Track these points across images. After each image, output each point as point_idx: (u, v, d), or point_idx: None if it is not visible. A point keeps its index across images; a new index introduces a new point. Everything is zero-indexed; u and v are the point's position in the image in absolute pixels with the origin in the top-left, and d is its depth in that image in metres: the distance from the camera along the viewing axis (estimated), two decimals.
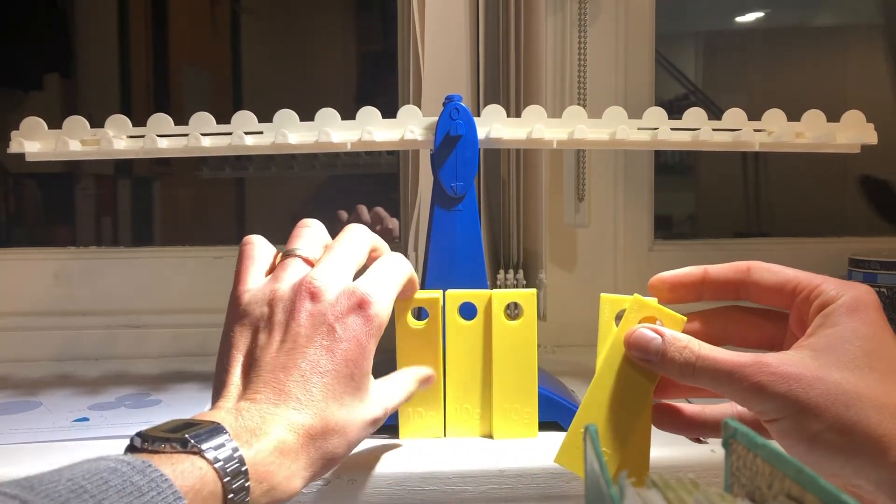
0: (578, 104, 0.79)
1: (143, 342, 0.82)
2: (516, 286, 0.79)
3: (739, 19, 1.13)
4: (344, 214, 0.89)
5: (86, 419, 0.58)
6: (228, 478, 0.34)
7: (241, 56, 1.04)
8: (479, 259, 0.55)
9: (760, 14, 1.12)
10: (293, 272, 0.44)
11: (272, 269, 0.46)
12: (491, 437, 0.51)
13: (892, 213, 0.93)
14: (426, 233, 0.57)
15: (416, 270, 0.76)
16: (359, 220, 0.88)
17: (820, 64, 1.08)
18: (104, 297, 0.83)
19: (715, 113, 0.60)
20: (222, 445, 0.34)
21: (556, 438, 0.51)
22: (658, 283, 0.42)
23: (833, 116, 0.61)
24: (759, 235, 1.01)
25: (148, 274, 0.84)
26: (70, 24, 1.03)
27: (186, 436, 0.34)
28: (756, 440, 0.27)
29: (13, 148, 0.56)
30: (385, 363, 0.46)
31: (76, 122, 0.57)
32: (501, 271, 0.79)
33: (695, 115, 0.59)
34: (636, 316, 0.40)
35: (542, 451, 0.49)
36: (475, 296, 0.51)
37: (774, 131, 0.60)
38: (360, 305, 0.42)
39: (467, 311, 0.51)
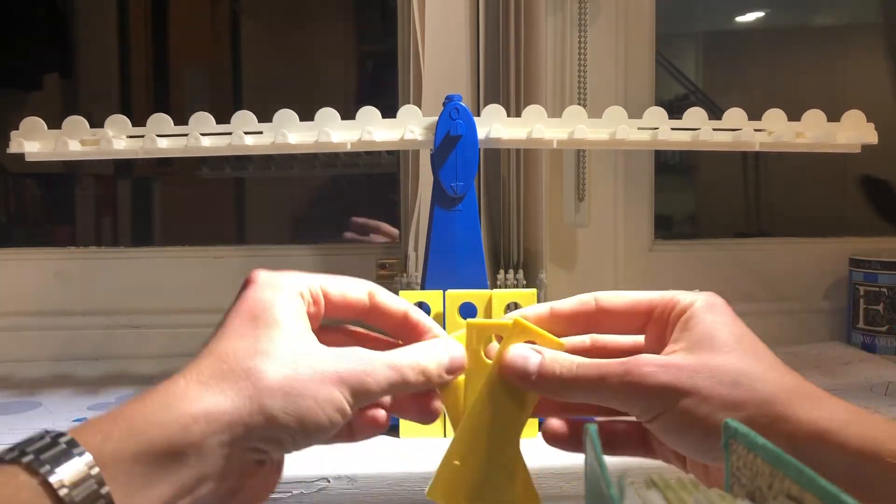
0: (578, 104, 0.79)
1: (142, 342, 0.82)
2: (516, 286, 0.79)
3: (739, 19, 1.13)
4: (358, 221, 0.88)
5: (86, 419, 0.58)
6: (66, 488, 0.26)
7: (241, 56, 1.04)
8: (479, 259, 0.55)
9: (760, 14, 1.12)
10: None
11: None
12: None
13: (892, 213, 0.93)
14: (426, 233, 0.57)
15: (417, 270, 0.76)
16: (360, 230, 0.88)
17: (820, 64, 1.08)
18: (104, 297, 0.83)
19: (715, 113, 0.60)
20: (44, 442, 0.28)
21: None
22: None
23: (833, 116, 0.61)
24: (759, 235, 1.01)
25: (148, 274, 0.84)
26: (70, 24, 1.03)
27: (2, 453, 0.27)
28: (756, 440, 0.27)
29: (13, 148, 0.56)
30: None
31: (76, 123, 0.56)
32: (501, 271, 0.79)
33: (695, 114, 0.59)
34: (517, 340, 0.37)
35: (542, 451, 0.49)
36: (475, 296, 0.51)
37: (774, 131, 0.60)
38: (246, 282, 0.35)
39: (467, 311, 0.51)
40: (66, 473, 0.26)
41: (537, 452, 0.49)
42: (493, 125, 0.57)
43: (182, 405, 0.29)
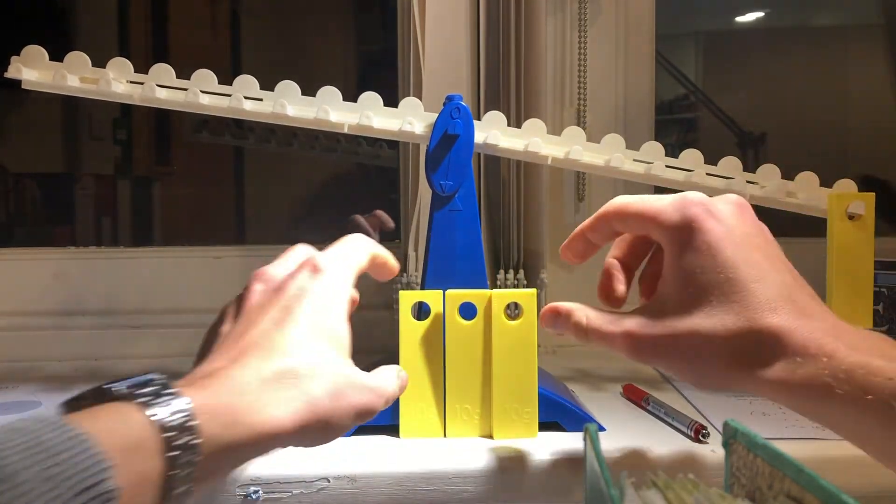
0: (579, 104, 0.80)
1: (142, 342, 0.82)
2: (516, 286, 0.79)
3: (739, 19, 1.13)
4: (360, 219, 0.88)
5: None
6: (163, 416, 0.30)
7: (241, 56, 1.04)
8: (479, 259, 0.55)
9: (760, 14, 1.12)
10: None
11: None
12: (491, 437, 0.51)
13: (893, 213, 0.93)
14: (426, 233, 0.57)
15: (417, 270, 0.76)
16: (357, 229, 0.88)
17: (820, 64, 1.08)
18: (104, 297, 0.83)
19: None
20: (153, 389, 0.31)
21: (556, 438, 0.51)
22: (564, 252, 0.47)
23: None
24: None
25: (148, 274, 0.84)
26: (70, 24, 1.03)
27: (104, 385, 0.31)
28: (756, 440, 0.27)
29: (11, 73, 0.55)
30: (386, 363, 0.46)
31: (78, 58, 0.56)
32: (501, 271, 0.79)
33: (691, 156, 0.61)
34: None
35: (542, 451, 0.49)
36: (475, 296, 0.51)
37: (767, 186, 0.61)
38: (312, 270, 0.39)
39: (467, 311, 0.51)
40: (162, 408, 0.30)
41: (537, 452, 0.49)
42: (492, 132, 0.57)
43: (261, 413, 0.33)
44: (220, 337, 0.38)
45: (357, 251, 0.42)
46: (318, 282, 0.39)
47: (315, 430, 0.35)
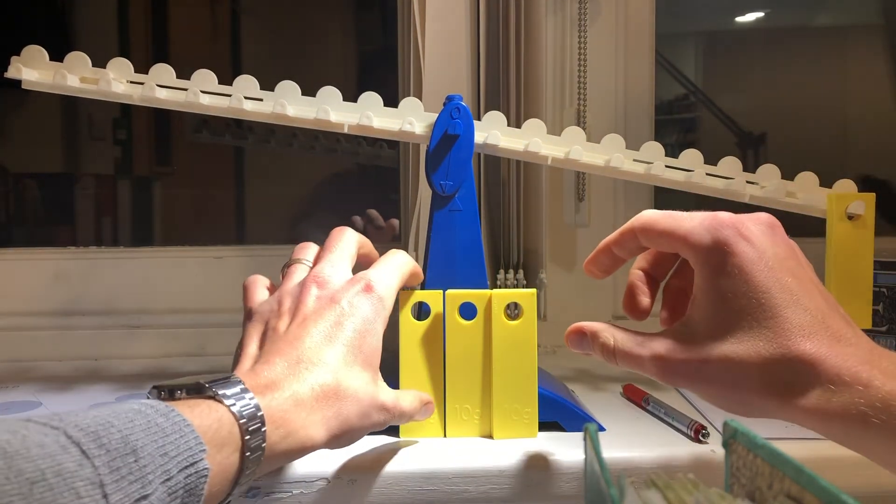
0: (579, 104, 0.80)
1: (142, 342, 0.82)
2: (516, 286, 0.79)
3: (739, 19, 1.13)
4: (358, 220, 0.89)
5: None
6: (244, 419, 0.35)
7: (241, 56, 1.04)
8: (479, 259, 0.55)
9: (760, 14, 1.12)
10: (298, 274, 0.47)
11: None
12: (491, 437, 0.51)
13: (893, 213, 0.93)
14: (426, 233, 0.57)
15: None
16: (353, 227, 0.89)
17: (820, 64, 1.08)
18: (104, 297, 0.83)
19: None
20: (237, 391, 0.36)
21: (557, 438, 0.51)
22: (588, 266, 0.47)
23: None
24: None
25: (148, 274, 0.84)
26: (70, 24, 1.03)
27: (202, 382, 0.36)
28: (756, 440, 0.27)
29: (11, 73, 0.55)
30: (386, 362, 0.46)
31: (78, 58, 0.55)
32: (501, 271, 0.79)
33: (691, 156, 0.61)
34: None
35: (542, 451, 0.49)
36: (475, 296, 0.51)
37: (767, 186, 0.61)
38: (366, 289, 0.44)
39: (467, 311, 0.51)
40: (244, 409, 0.36)
41: (537, 452, 0.49)
42: (492, 132, 0.57)
43: (308, 429, 0.39)
44: (272, 332, 0.43)
45: (403, 268, 0.48)
46: (368, 302, 0.44)
47: (339, 442, 0.41)
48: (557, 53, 0.81)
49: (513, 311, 0.51)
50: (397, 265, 0.48)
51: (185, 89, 0.56)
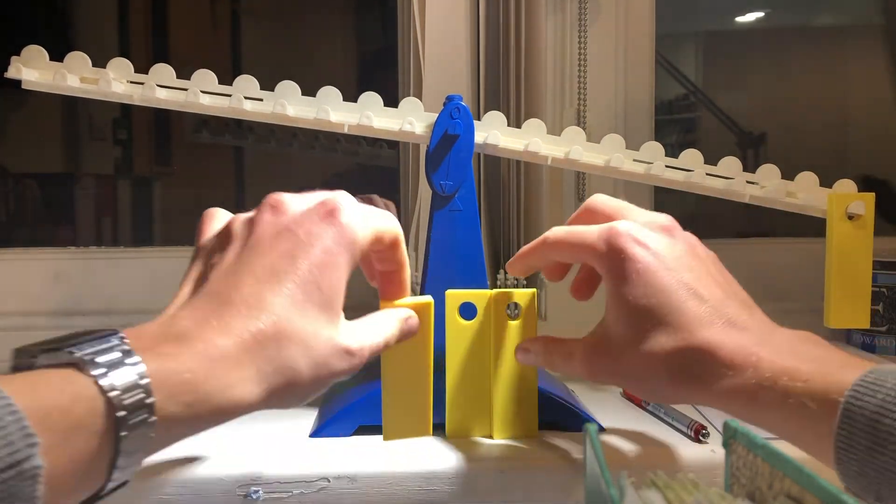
0: (579, 104, 0.80)
1: None
2: (516, 286, 0.79)
3: (739, 19, 1.13)
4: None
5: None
6: (118, 391, 0.28)
7: (241, 56, 1.04)
8: (480, 259, 0.55)
9: (760, 14, 1.12)
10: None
11: None
12: (491, 437, 0.51)
13: (893, 213, 0.93)
14: (426, 232, 0.57)
15: (416, 270, 0.76)
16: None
17: (820, 64, 1.08)
18: (104, 297, 0.83)
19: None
20: (115, 357, 0.29)
21: (557, 438, 0.51)
22: (508, 268, 0.50)
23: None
24: (759, 235, 1.01)
25: (148, 274, 0.84)
26: (70, 24, 1.03)
27: (62, 344, 0.29)
28: (756, 440, 0.27)
29: (11, 73, 0.55)
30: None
31: (78, 58, 0.55)
32: (501, 271, 0.79)
33: (691, 156, 0.61)
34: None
35: (542, 451, 0.49)
36: (475, 295, 0.51)
37: (767, 186, 0.61)
38: (330, 213, 0.36)
39: (467, 310, 0.51)
40: (118, 379, 0.28)
41: (537, 452, 0.49)
42: (492, 132, 0.57)
43: (228, 391, 0.32)
44: (210, 269, 0.36)
45: (382, 216, 0.39)
46: (330, 230, 0.36)
47: (283, 399, 0.34)
48: (557, 53, 0.81)
49: (513, 310, 0.51)
50: (376, 209, 0.40)
51: (186, 89, 0.56)
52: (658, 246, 0.41)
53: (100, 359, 0.28)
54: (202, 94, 0.56)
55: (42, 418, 0.26)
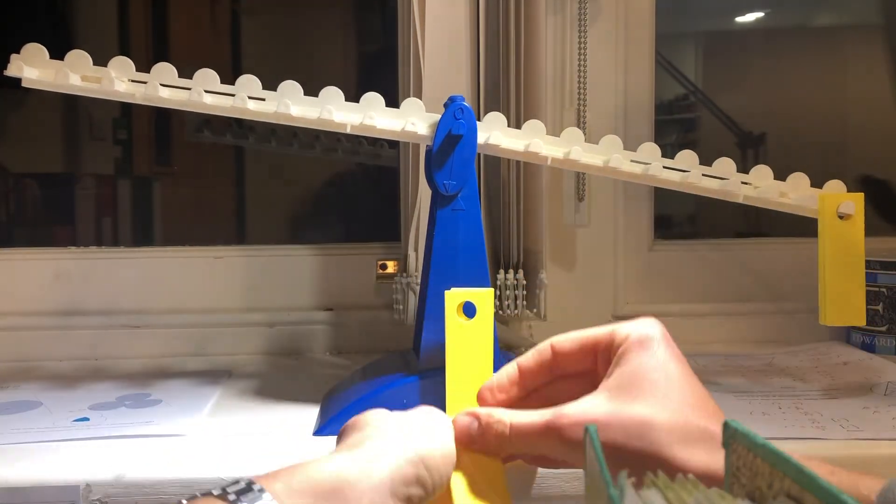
0: (578, 104, 0.80)
1: (143, 342, 0.82)
2: (516, 286, 0.79)
3: (739, 19, 1.13)
4: None
5: (86, 419, 0.58)
6: None
7: (241, 56, 1.04)
8: (482, 258, 0.55)
9: (760, 14, 1.12)
10: None
11: None
12: None
13: (892, 213, 0.93)
14: (426, 232, 0.57)
15: (417, 270, 0.76)
16: None
17: (820, 64, 1.08)
18: (104, 297, 0.83)
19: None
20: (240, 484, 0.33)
21: None
22: (483, 393, 0.45)
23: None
24: (759, 235, 1.01)
25: (148, 274, 0.84)
26: (70, 24, 1.03)
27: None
28: (756, 440, 0.27)
29: (12, 70, 0.54)
30: (386, 361, 0.46)
31: (79, 57, 0.55)
32: (501, 271, 0.79)
33: (687, 157, 0.61)
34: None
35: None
36: (475, 295, 0.51)
37: (760, 187, 0.62)
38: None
39: (467, 310, 0.51)
40: None
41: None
42: (494, 132, 0.58)
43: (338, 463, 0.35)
44: None
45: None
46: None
47: None
48: (557, 54, 0.81)
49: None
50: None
51: (188, 89, 0.56)
52: (675, 346, 0.42)
53: (243, 497, 0.32)
54: (205, 93, 0.56)
55: None
